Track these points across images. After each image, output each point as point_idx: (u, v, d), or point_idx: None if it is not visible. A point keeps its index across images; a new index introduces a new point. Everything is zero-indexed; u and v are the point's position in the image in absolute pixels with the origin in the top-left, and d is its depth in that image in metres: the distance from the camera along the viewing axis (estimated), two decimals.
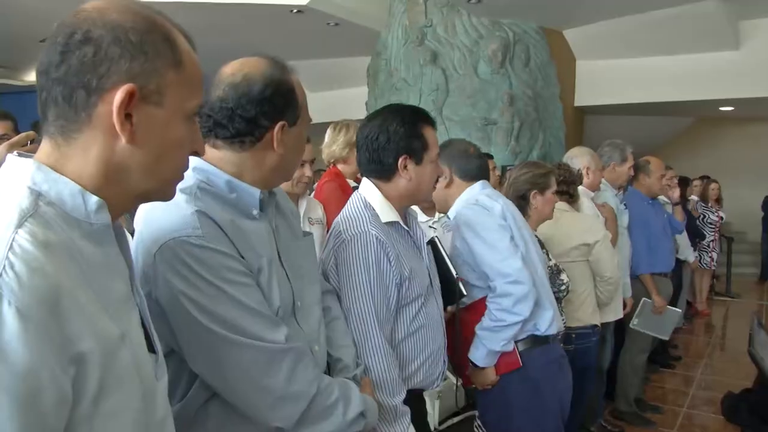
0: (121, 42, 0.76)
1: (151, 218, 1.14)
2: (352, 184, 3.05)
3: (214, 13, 6.11)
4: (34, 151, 1.74)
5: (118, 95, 0.75)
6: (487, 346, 2.01)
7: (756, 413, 3.60)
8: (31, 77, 13.10)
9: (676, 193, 4.69)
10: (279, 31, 6.77)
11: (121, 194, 0.81)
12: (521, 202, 2.48)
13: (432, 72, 6.50)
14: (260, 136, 1.22)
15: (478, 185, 2.21)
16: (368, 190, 1.68)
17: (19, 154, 0.79)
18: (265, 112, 1.21)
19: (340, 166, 3.09)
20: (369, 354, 1.52)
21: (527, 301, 2.00)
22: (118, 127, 0.76)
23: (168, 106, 0.80)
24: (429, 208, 3.05)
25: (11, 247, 0.65)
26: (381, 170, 1.67)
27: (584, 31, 7.04)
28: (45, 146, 0.79)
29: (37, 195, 0.74)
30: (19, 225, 0.68)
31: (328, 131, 3.14)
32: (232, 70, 1.23)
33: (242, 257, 1.16)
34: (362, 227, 1.57)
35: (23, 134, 1.69)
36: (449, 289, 1.90)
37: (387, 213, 1.64)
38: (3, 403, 0.60)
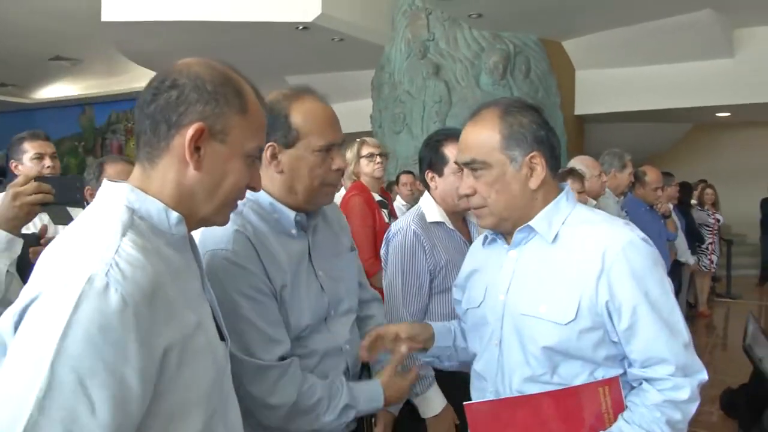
0: (199, 90, 0.95)
1: (201, 231, 1.30)
2: (377, 197, 3.27)
3: (223, 31, 6.31)
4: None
5: (190, 131, 0.94)
6: None
7: (751, 407, 3.71)
8: (38, 95, 13.33)
9: (664, 207, 4.79)
10: (285, 48, 6.97)
11: (188, 215, 0.99)
12: None
13: (435, 84, 6.69)
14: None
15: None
16: (425, 195, 2.06)
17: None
18: None
19: (363, 179, 3.28)
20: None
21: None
22: (188, 156, 0.95)
23: (230, 143, 0.98)
24: None
25: (118, 251, 0.83)
26: (423, 181, 2.08)
27: (583, 42, 7.25)
28: (136, 171, 0.98)
29: (132, 211, 0.92)
30: (123, 234, 0.87)
31: None
32: None
33: (268, 275, 1.32)
34: (405, 224, 1.94)
35: (21, 177, 1.55)
36: None
37: (433, 214, 1.97)
38: (99, 368, 0.77)
